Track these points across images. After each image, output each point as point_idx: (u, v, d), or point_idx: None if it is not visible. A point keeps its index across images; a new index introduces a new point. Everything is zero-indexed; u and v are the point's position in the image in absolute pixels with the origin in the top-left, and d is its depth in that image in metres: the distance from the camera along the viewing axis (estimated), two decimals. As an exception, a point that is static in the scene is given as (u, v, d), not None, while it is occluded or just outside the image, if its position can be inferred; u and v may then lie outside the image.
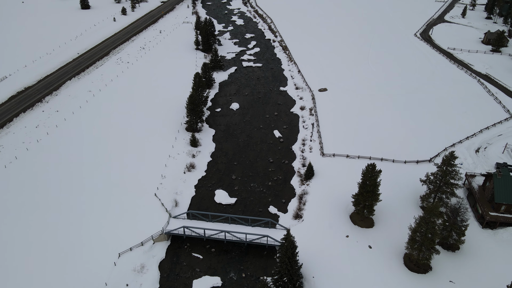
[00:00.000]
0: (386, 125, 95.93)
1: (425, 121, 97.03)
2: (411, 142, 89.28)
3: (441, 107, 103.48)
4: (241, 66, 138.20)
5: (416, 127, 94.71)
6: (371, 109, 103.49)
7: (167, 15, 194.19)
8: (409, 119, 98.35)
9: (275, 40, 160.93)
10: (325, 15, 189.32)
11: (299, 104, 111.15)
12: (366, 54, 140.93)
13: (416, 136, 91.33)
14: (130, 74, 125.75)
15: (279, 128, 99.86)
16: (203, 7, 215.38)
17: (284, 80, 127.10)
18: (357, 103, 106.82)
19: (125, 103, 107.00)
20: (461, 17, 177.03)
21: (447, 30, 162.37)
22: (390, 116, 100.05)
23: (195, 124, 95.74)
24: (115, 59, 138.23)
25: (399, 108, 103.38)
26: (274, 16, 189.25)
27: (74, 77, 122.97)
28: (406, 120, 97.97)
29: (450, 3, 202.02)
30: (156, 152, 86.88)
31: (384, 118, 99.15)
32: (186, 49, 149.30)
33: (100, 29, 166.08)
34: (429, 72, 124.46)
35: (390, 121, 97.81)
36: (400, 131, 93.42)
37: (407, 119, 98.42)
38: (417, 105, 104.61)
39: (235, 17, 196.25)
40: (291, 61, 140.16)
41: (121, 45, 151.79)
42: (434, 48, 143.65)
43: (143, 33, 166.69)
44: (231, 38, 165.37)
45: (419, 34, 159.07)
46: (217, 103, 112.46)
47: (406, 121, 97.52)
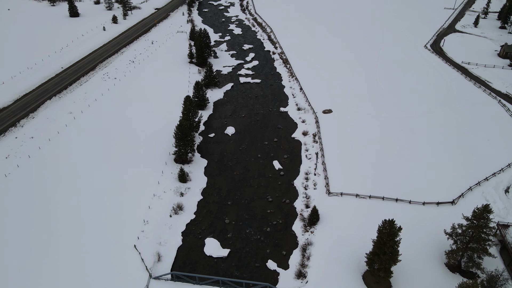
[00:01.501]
0: (399, 155, 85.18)
1: (443, 151, 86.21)
2: (429, 176, 78.55)
3: (460, 133, 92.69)
4: (238, 82, 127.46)
5: (434, 158, 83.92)
6: (381, 135, 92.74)
7: (160, 24, 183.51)
8: (424, 148, 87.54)
9: (275, 52, 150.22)
10: (328, 26, 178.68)
11: (301, 128, 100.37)
12: (373, 69, 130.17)
13: (434, 169, 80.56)
14: (116, 92, 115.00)
15: (279, 158, 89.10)
16: (199, 14, 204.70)
17: (284, 99, 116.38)
18: (365, 128, 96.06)
19: (108, 128, 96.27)
20: (473, 26, 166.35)
21: (459, 41, 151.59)
22: (403, 144, 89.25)
23: (185, 155, 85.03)
24: (101, 74, 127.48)
25: (412, 135, 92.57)
26: (274, 25, 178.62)
27: (55, 95, 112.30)
28: (421, 149, 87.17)
29: (460, 11, 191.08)
30: (140, 190, 76.08)
31: (396, 146, 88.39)
32: (179, 62, 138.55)
33: (88, 40, 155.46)
34: (444, 90, 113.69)
35: (403, 150, 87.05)
36: (415, 162, 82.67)
37: (422, 148, 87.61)
38: (432, 131, 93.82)
39: (232, 25, 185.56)
40: (292, 76, 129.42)
41: (110, 57, 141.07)
42: (446, 62, 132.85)
43: (134, 44, 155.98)
44: (228, 50, 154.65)
45: (430, 46, 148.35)
46: (211, 127, 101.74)
47: (422, 150, 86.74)
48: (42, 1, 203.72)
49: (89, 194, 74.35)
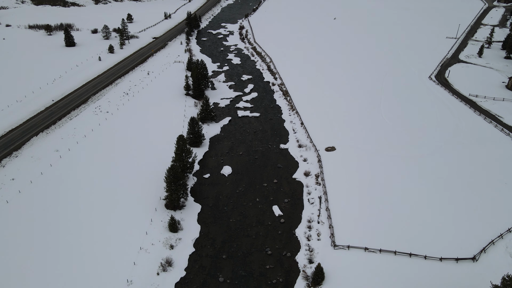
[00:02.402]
0: (409, 201, 78.18)
1: (458, 196, 79.24)
2: (444, 226, 71.37)
3: (474, 175, 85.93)
4: (236, 115, 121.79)
5: (448, 205, 76.87)
6: (389, 177, 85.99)
7: (157, 53, 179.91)
8: (437, 192, 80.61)
9: (274, 83, 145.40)
10: (329, 56, 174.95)
11: (303, 168, 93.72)
12: (377, 102, 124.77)
13: (449, 217, 73.43)
14: (107, 128, 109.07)
15: (280, 202, 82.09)
16: (197, 43, 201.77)
17: (285, 134, 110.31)
18: (371, 169, 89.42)
19: (94, 169, 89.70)
20: (478, 56, 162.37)
21: (464, 72, 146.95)
22: (413, 187, 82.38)
23: (177, 201, 78.08)
24: (93, 107, 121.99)
25: (422, 177, 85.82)
26: (273, 54, 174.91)
27: (42, 131, 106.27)
28: (433, 193, 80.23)
29: (463, 40, 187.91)
30: (125, 243, 68.72)
31: (405, 190, 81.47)
32: (174, 94, 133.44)
33: (83, 70, 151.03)
34: (453, 126, 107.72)
35: (413, 194, 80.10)
36: (428, 209, 75.60)
37: (434, 192, 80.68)
38: (444, 173, 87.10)
39: (231, 55, 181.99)
40: (292, 109, 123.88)
41: (103, 89, 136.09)
42: (453, 94, 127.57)
43: (129, 75, 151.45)
44: (226, 81, 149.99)
45: (434, 77, 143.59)
46: (206, 166, 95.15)
47: (434, 195, 79.79)
48: (38, 30, 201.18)
49: (65, 248, 66.98)
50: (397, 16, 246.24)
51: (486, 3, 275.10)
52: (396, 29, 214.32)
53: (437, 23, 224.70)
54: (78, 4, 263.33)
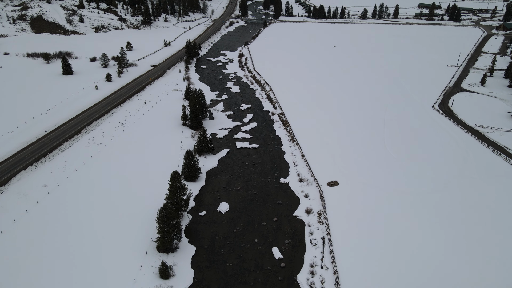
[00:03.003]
0: (420, 243, 72.74)
1: (473, 239, 73.81)
2: (457, 270, 65.75)
3: (488, 215, 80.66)
4: (234, 147, 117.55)
5: (463, 249, 71.34)
6: (396, 216, 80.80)
7: (156, 81, 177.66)
8: (448, 232, 75.27)
9: (274, 113, 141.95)
10: (330, 84, 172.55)
11: (304, 205, 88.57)
12: (380, 132, 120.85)
13: (464, 263, 67.83)
14: (100, 161, 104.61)
15: (280, 244, 76.54)
16: (196, 71, 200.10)
17: (285, 167, 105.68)
18: (377, 206, 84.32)
19: (83, 207, 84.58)
20: (481, 85, 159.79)
21: (468, 101, 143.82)
22: (424, 228, 77.05)
23: (169, 243, 72.62)
24: (86, 139, 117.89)
25: (433, 214, 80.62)
26: (273, 82, 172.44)
27: (31, 164, 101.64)
28: (445, 234, 74.87)
29: (464, 68, 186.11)
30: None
31: (415, 231, 76.12)
32: (171, 125, 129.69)
33: (79, 99, 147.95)
34: (460, 159, 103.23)
35: (424, 236, 74.71)
36: (441, 252, 70.10)
37: (446, 232, 75.36)
38: (456, 211, 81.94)
39: (230, 83, 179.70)
40: (293, 140, 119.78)
41: (98, 119, 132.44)
42: (459, 125, 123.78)
43: (126, 104, 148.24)
44: (225, 110, 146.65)
45: (438, 106, 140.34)
46: (202, 203, 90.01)
47: (446, 235, 74.42)
48: (37, 58, 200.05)
49: (48, 299, 61.20)
50: (397, 43, 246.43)
51: (484, 31, 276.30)
52: (396, 56, 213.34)
53: (436, 51, 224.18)
54: (78, 32, 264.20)
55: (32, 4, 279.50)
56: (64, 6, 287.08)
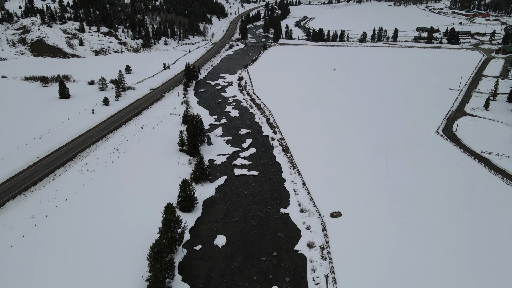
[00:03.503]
0: (431, 281, 67.64)
1: (488, 274, 68.80)
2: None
3: (502, 249, 75.85)
4: (232, 174, 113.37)
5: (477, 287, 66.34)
6: (405, 251, 75.88)
7: (153, 105, 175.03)
8: (463, 270, 70.21)
9: (274, 138, 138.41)
10: (331, 108, 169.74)
11: (306, 238, 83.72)
12: (384, 158, 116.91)
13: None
14: (91, 190, 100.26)
15: (280, 282, 71.29)
16: (195, 94, 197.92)
17: (285, 196, 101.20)
18: (384, 239, 79.52)
19: (71, 240, 79.76)
20: (484, 109, 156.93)
21: (473, 126, 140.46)
22: (435, 265, 72.03)
23: (161, 282, 67.48)
24: (80, 165, 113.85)
25: (443, 250, 75.69)
26: (273, 106, 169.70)
27: (20, 194, 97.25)
28: (459, 272, 69.79)
29: (466, 92, 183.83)
30: None
31: (427, 268, 71.08)
32: (168, 150, 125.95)
33: (74, 124, 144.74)
34: (468, 188, 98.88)
35: (437, 274, 69.67)
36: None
37: (460, 270, 70.30)
38: (467, 244, 77.10)
39: (229, 107, 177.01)
40: (293, 167, 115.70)
41: (93, 145, 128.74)
42: (464, 151, 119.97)
43: (122, 129, 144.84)
44: (224, 135, 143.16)
45: (442, 131, 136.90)
46: (198, 236, 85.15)
47: (459, 274, 69.34)
48: (34, 82, 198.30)
49: None
50: (397, 66, 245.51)
51: (484, 54, 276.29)
52: (396, 79, 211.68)
53: (437, 74, 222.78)
54: (78, 56, 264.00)
55: (32, 28, 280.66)
56: (64, 30, 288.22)
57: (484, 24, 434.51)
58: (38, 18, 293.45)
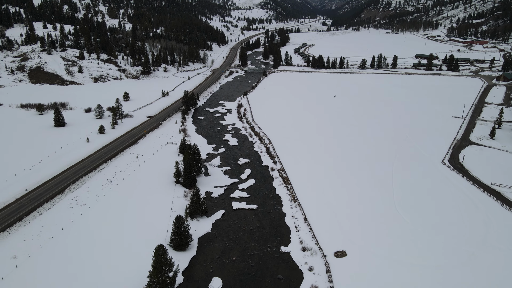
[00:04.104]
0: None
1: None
2: None
3: (522, 295, 69.60)
4: (230, 208, 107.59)
5: None
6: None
7: (151, 134, 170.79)
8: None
9: (274, 168, 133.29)
10: (330, 136, 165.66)
11: (308, 281, 77.28)
12: (389, 192, 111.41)
13: None
14: (80, 226, 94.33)
15: (281, 334, 64.73)
16: (193, 122, 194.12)
17: (286, 233, 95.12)
18: (394, 283, 73.13)
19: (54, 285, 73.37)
20: (490, 138, 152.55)
21: (480, 156, 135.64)
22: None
23: (149, 335, 60.97)
24: (69, 199, 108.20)
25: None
26: (272, 135, 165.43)
27: (3, 231, 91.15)
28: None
29: (470, 120, 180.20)
30: None
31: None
32: (163, 182, 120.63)
33: (67, 154, 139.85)
34: (481, 224, 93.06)
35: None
36: None
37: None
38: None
39: (228, 135, 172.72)
40: (294, 200, 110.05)
41: (85, 176, 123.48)
42: (473, 183, 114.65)
43: (116, 159, 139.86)
44: (222, 165, 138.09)
45: (448, 161, 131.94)
46: (192, 278, 78.71)
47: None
48: (30, 109, 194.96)
49: None
50: (398, 93, 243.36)
51: (485, 81, 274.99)
52: (398, 107, 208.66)
53: (439, 101, 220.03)
54: (76, 83, 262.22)
55: (32, 55, 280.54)
56: (64, 57, 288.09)
57: (482, 51, 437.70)
58: (38, 46, 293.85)
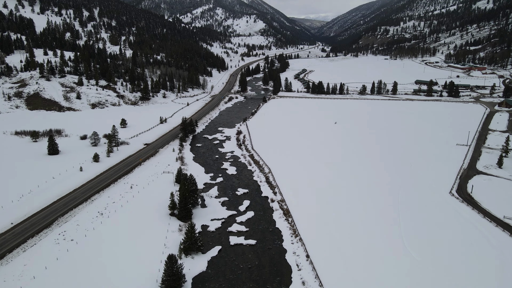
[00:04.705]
0: None
1: None
2: None
3: None
4: (227, 243, 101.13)
5: None
6: None
7: (147, 162, 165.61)
8: None
9: (274, 199, 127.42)
10: (332, 165, 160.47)
11: (312, 329, 70.42)
12: (395, 226, 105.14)
13: None
14: (65, 264, 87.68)
15: None
16: (191, 150, 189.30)
17: (286, 272, 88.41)
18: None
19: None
20: (498, 167, 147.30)
21: (489, 187, 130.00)
22: None
23: None
24: (57, 233, 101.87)
25: None
26: (272, 163, 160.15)
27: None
28: None
29: (475, 147, 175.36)
30: None
31: None
32: (157, 214, 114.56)
33: (58, 184, 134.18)
34: (497, 262, 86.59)
35: None
36: None
37: None
38: None
39: (226, 163, 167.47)
40: (295, 235, 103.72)
41: (75, 208, 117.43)
42: (485, 216, 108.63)
43: (109, 189, 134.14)
44: (219, 196, 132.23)
45: (456, 192, 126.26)
46: (184, 326, 71.83)
47: None
48: (24, 136, 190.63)
49: None
50: (400, 120, 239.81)
51: (487, 107, 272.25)
52: (401, 134, 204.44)
53: (442, 128, 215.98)
54: (74, 109, 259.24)
55: (30, 81, 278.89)
56: (63, 83, 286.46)
57: (481, 77, 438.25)
58: (37, 72, 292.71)
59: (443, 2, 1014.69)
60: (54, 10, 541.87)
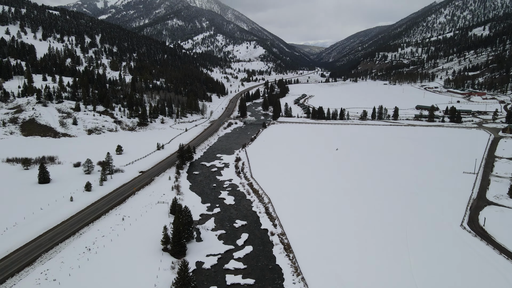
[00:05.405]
0: None
1: None
2: None
3: None
4: (223, 283, 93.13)
5: None
6: None
7: (141, 191, 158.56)
8: None
9: (274, 233, 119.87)
10: (334, 194, 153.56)
11: None
12: (406, 264, 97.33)
13: None
14: (44, 309, 79.95)
15: None
16: (188, 178, 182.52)
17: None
18: None
19: None
20: (509, 197, 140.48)
21: (502, 219, 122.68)
22: None
23: None
24: (39, 272, 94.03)
25: None
26: (272, 193, 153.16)
27: (-48, 316, 76.92)
28: None
29: (483, 176, 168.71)
30: None
31: None
32: (149, 250, 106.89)
33: (46, 215, 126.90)
34: (519, 307, 78.70)
35: None
36: None
37: None
38: None
39: (224, 192, 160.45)
40: (297, 274, 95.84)
41: (61, 243, 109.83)
42: (501, 253, 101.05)
43: (100, 221, 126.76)
44: (216, 228, 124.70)
45: (467, 225, 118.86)
46: None
47: None
48: (15, 164, 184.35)
49: None
50: (402, 146, 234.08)
51: (491, 133, 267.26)
52: (405, 161, 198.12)
53: (446, 155, 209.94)
54: (69, 135, 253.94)
55: (27, 107, 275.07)
56: (59, 109, 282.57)
57: (482, 102, 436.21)
58: (34, 98, 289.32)
59: (440, 29, 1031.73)
60: (56, 37, 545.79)
